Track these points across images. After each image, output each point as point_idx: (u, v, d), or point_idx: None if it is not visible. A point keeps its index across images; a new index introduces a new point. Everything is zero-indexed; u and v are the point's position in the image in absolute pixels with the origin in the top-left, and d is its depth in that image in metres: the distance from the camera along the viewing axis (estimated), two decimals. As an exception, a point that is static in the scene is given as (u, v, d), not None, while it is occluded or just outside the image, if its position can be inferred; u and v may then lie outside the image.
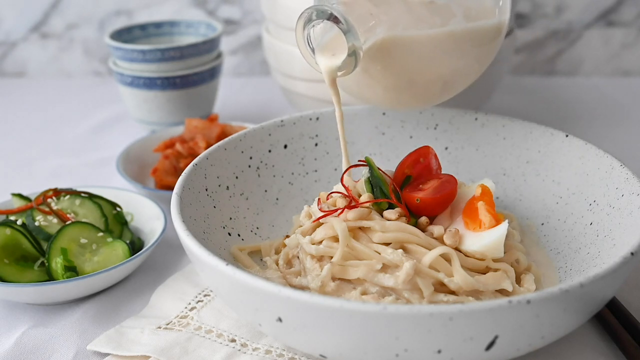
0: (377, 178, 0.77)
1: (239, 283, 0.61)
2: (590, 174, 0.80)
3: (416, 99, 0.80)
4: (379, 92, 0.78)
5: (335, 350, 0.61)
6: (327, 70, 0.73)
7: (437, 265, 0.69)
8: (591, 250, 0.75)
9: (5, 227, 0.81)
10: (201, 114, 1.23)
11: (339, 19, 0.69)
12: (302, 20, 0.71)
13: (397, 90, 0.77)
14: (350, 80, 0.78)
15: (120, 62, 1.19)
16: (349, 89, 0.81)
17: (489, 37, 0.76)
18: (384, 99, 0.80)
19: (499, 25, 0.76)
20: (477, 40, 0.75)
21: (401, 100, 0.80)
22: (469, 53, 0.76)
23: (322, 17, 0.70)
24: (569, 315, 0.60)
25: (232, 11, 1.53)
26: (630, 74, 1.51)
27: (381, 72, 0.75)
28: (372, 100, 0.82)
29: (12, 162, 1.20)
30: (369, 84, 0.78)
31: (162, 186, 0.99)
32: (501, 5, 0.76)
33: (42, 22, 1.57)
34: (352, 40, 0.69)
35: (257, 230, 0.85)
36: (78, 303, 0.80)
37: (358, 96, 0.82)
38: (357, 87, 0.80)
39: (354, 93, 0.82)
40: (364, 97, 0.82)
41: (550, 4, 1.47)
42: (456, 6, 0.74)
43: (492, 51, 0.78)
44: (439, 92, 0.79)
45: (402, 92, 0.78)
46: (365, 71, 0.75)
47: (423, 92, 0.79)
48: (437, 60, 0.75)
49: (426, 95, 0.79)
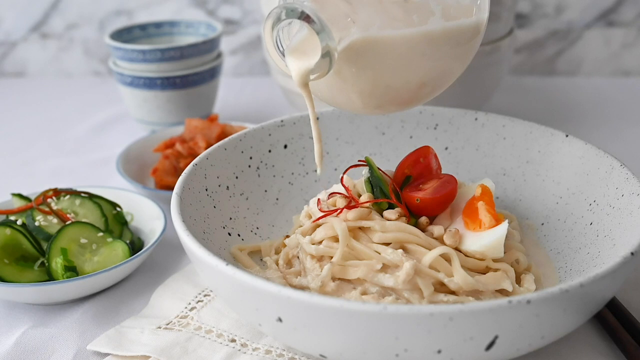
0: (377, 178, 0.77)
1: (239, 283, 0.61)
2: (590, 174, 0.80)
3: (393, 102, 0.74)
4: (353, 96, 0.73)
5: (335, 350, 0.61)
6: (299, 74, 0.67)
7: (437, 265, 0.69)
8: (591, 250, 0.75)
9: (5, 227, 0.81)
10: (201, 114, 1.23)
11: (312, 18, 0.63)
12: (271, 20, 0.65)
13: (372, 94, 0.72)
14: (322, 84, 0.72)
15: (120, 62, 1.19)
16: (320, 93, 0.74)
17: (467, 36, 0.72)
18: (358, 104, 0.73)
19: (477, 23, 0.72)
20: (455, 39, 0.71)
21: (377, 104, 0.74)
22: (447, 53, 0.71)
23: (292, 16, 0.64)
24: (569, 315, 0.60)
25: (232, 11, 1.53)
26: (630, 74, 1.51)
27: (356, 75, 0.70)
28: (346, 105, 0.76)
29: (12, 162, 1.20)
30: (342, 87, 0.72)
31: (162, 186, 0.99)
32: (479, 3, 0.72)
33: (42, 22, 1.57)
34: (326, 40, 0.64)
35: (257, 230, 0.85)
36: (78, 303, 0.80)
37: (331, 101, 0.76)
38: (330, 92, 0.74)
39: (325, 98, 0.76)
40: (337, 102, 0.75)
41: (550, 4, 1.47)
42: (434, 4, 0.69)
43: (471, 51, 0.74)
44: (417, 95, 0.74)
45: (377, 96, 0.72)
46: (338, 74, 0.70)
47: (400, 94, 0.73)
48: (415, 60, 0.70)
49: (403, 98, 0.74)
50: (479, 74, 1.10)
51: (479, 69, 1.09)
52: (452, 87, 1.08)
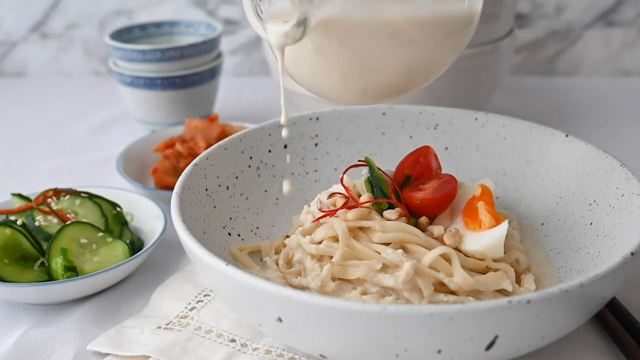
0: (377, 178, 0.77)
1: (239, 283, 0.61)
2: (590, 174, 0.80)
3: (378, 88, 0.71)
4: (336, 79, 0.70)
5: (335, 350, 0.61)
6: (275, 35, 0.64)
7: (437, 265, 0.69)
8: (591, 250, 0.75)
9: (5, 227, 0.81)
10: (201, 114, 1.23)
11: None
12: None
13: (355, 77, 0.69)
14: (305, 65, 0.70)
15: (120, 62, 1.19)
16: (301, 77, 0.72)
17: (459, 25, 0.70)
18: (341, 88, 0.71)
19: (470, 12, 0.70)
20: (445, 27, 0.69)
21: (360, 88, 0.71)
22: (436, 41, 0.69)
23: None
24: (569, 315, 0.60)
25: (232, 11, 1.53)
26: (630, 74, 1.51)
27: (338, 53, 0.67)
28: (329, 91, 0.72)
29: (12, 162, 1.20)
30: (325, 68, 0.69)
31: (162, 186, 0.99)
32: None
33: (42, 22, 1.57)
34: (306, 4, 0.61)
35: (257, 230, 0.85)
36: (78, 303, 0.80)
37: (313, 86, 0.73)
38: (311, 74, 0.71)
39: (307, 81, 0.72)
40: (320, 87, 0.72)
41: (550, 4, 1.47)
42: None
43: (463, 40, 0.72)
44: (404, 82, 0.71)
45: (361, 79, 0.69)
46: (320, 51, 0.67)
47: (386, 80, 0.70)
48: (401, 43, 0.67)
49: (390, 84, 0.71)
50: (479, 74, 1.10)
51: (479, 69, 1.09)
52: (452, 87, 1.09)
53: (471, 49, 1.06)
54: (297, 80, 0.73)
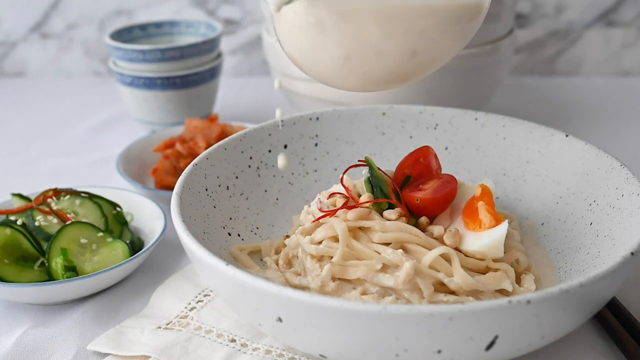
0: (377, 178, 0.77)
1: (239, 283, 0.61)
2: (590, 174, 0.80)
3: (378, 73, 0.70)
4: (337, 61, 0.68)
5: (335, 350, 0.61)
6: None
7: (437, 265, 0.69)
8: (591, 250, 0.75)
9: (5, 227, 0.81)
10: (201, 114, 1.23)
11: None
12: None
13: (357, 58, 0.67)
14: (305, 41, 0.68)
15: (120, 62, 1.19)
16: (302, 55, 0.70)
17: (468, 14, 0.68)
18: (342, 72, 0.69)
19: (479, 3, 0.69)
20: (454, 14, 0.68)
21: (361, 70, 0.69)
22: (444, 28, 0.68)
23: None
24: (569, 315, 0.60)
25: (232, 11, 1.53)
26: (630, 74, 1.51)
27: (339, 29, 0.66)
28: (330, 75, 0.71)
29: (12, 162, 1.20)
30: (327, 46, 0.67)
31: (162, 186, 0.99)
32: None
33: (42, 22, 1.57)
34: None
35: (257, 230, 0.85)
36: (78, 303, 0.80)
37: (314, 67, 0.71)
38: (312, 54, 0.69)
39: (308, 61, 0.71)
40: (320, 67, 0.70)
41: (550, 4, 1.47)
42: None
43: (469, 31, 0.71)
44: (406, 67, 0.69)
45: (362, 62, 0.68)
46: (321, 27, 0.66)
47: (387, 63, 0.69)
48: (406, 26, 0.66)
49: (390, 68, 0.69)
50: (479, 74, 1.10)
51: (479, 69, 1.09)
52: (452, 87, 1.09)
53: (471, 49, 1.06)
54: (298, 59, 0.71)
